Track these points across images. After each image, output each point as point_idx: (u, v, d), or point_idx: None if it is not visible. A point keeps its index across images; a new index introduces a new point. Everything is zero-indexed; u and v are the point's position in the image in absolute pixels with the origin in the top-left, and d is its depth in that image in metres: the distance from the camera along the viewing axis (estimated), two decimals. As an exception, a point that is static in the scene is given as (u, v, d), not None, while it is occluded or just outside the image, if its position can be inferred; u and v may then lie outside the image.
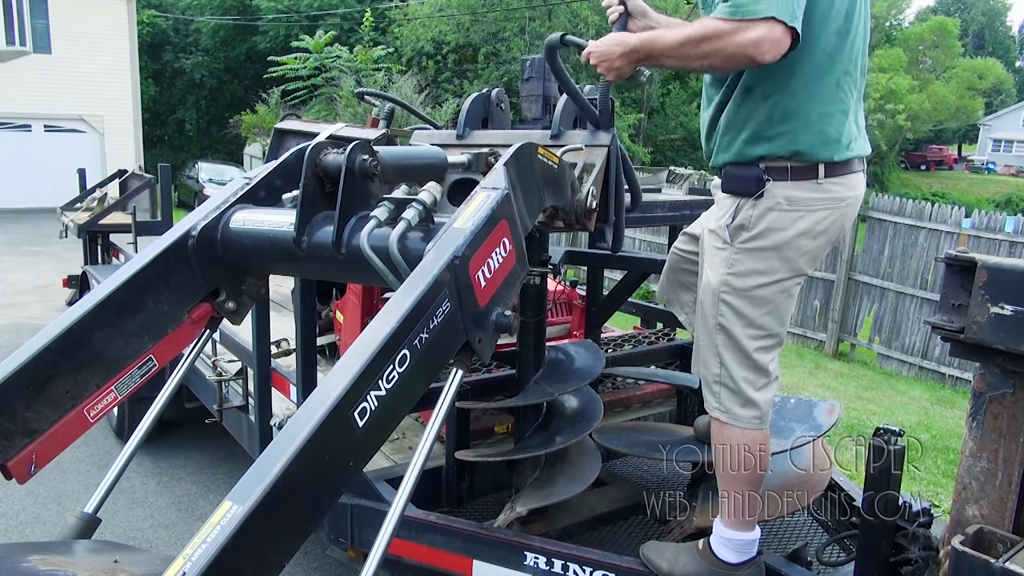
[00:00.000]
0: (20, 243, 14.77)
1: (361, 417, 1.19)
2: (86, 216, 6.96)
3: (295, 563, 4.04)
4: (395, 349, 1.26)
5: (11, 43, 16.94)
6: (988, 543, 1.60)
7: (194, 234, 1.66)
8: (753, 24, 1.80)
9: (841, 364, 9.67)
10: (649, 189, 4.20)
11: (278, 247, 1.66)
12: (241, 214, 1.72)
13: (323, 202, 1.66)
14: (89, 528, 1.47)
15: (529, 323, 2.78)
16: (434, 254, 1.41)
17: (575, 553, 2.28)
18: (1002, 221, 8.91)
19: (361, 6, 23.77)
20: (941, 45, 39.76)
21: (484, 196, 1.55)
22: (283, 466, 1.06)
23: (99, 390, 1.51)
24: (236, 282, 1.77)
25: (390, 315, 1.29)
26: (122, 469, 1.59)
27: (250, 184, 1.80)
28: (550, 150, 1.90)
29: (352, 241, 1.58)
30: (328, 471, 1.15)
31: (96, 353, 1.51)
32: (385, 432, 1.30)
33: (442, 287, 1.36)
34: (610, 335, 4.26)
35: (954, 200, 26.64)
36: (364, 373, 1.20)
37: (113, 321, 1.54)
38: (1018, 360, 1.55)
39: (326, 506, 1.18)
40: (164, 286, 1.63)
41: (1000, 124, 48.60)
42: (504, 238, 1.55)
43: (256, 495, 1.02)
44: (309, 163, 1.62)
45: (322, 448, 1.12)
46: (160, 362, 1.63)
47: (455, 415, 2.89)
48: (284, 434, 1.11)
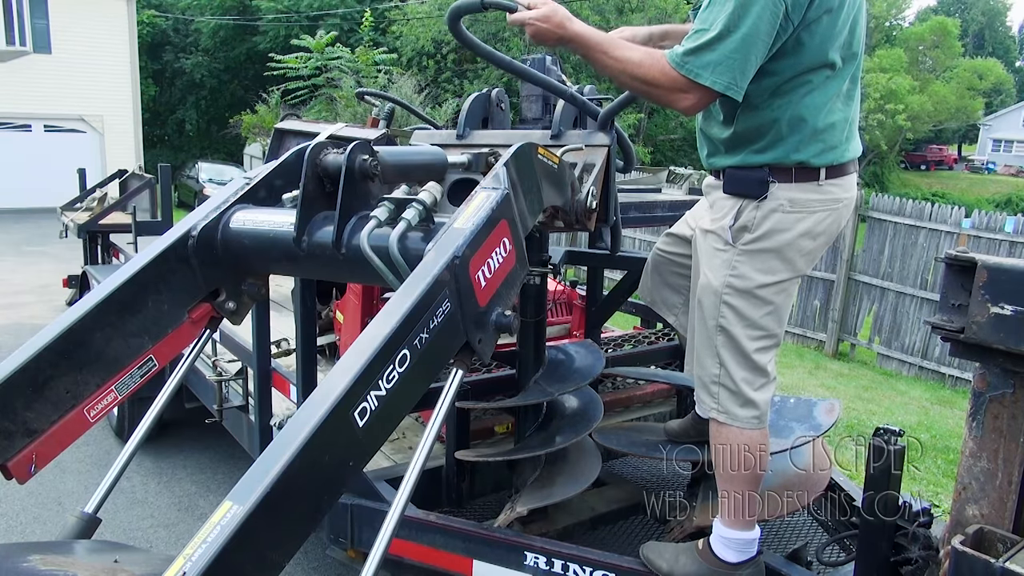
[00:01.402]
0: (20, 243, 14.77)
1: (361, 417, 1.19)
2: (86, 216, 6.97)
3: (295, 563, 4.04)
4: (395, 349, 1.26)
5: (11, 43, 16.93)
6: (988, 543, 1.60)
7: (194, 234, 1.66)
8: (691, 88, 1.88)
9: (841, 364, 9.66)
10: (649, 189, 4.21)
11: (278, 247, 1.66)
12: (241, 214, 1.72)
13: (323, 202, 1.65)
14: (89, 528, 1.47)
15: (529, 323, 2.78)
16: (434, 254, 1.41)
17: (575, 553, 2.28)
18: (1002, 221, 8.91)
19: (361, 6, 23.75)
20: (941, 45, 39.73)
21: (484, 196, 1.55)
22: (283, 466, 1.06)
23: (99, 390, 1.51)
24: (236, 282, 1.77)
25: (390, 315, 1.29)
26: (122, 469, 1.59)
27: (250, 184, 1.80)
28: (550, 150, 1.89)
29: (352, 241, 1.57)
30: (328, 471, 1.15)
31: (96, 353, 1.51)
32: (386, 432, 1.30)
33: (442, 287, 1.36)
34: (610, 335, 4.26)
35: (954, 200, 26.64)
36: (364, 373, 1.19)
37: (113, 321, 1.54)
38: (1018, 360, 1.55)
39: (326, 506, 1.18)
40: (164, 286, 1.63)
41: (1000, 124, 48.60)
42: (504, 238, 1.54)
43: (256, 495, 1.02)
44: (309, 163, 1.62)
45: (322, 448, 1.12)
46: (160, 362, 1.63)
47: (455, 415, 2.89)
48: (284, 434, 1.11)
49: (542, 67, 2.59)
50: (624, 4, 23.13)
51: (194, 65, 29.74)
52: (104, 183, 8.15)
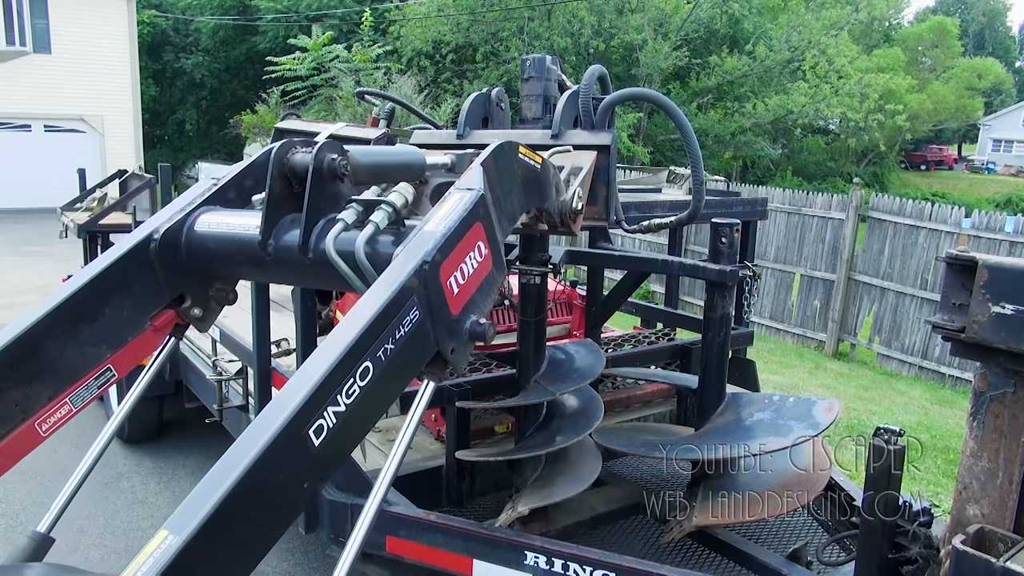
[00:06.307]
0: (20, 243, 14.77)
1: (317, 435, 1.11)
2: (86, 216, 6.96)
3: (295, 563, 4.04)
4: (356, 361, 1.18)
5: (11, 43, 16.96)
6: (989, 542, 1.60)
7: (157, 237, 1.57)
8: None
9: (841, 364, 9.66)
10: (649, 189, 4.21)
11: (244, 251, 1.57)
12: (207, 216, 1.63)
13: (291, 204, 1.57)
14: (41, 549, 1.39)
15: (529, 323, 2.78)
16: (402, 259, 1.33)
17: (575, 553, 2.28)
18: (1002, 221, 8.90)
19: (361, 6, 23.76)
20: (941, 45, 39.76)
21: (458, 197, 1.47)
22: (226, 491, 0.99)
23: (52, 402, 1.41)
24: (202, 287, 1.67)
25: (351, 325, 1.21)
26: (78, 486, 1.50)
27: (218, 185, 1.70)
28: (533, 150, 1.83)
29: (319, 245, 1.49)
30: (279, 494, 1.08)
31: (49, 363, 1.41)
32: (347, 448, 1.23)
33: (410, 294, 1.28)
34: (610, 335, 4.26)
35: (954, 200, 26.61)
36: (320, 388, 1.12)
37: (68, 329, 1.44)
38: (1019, 359, 1.55)
39: (277, 533, 1.10)
40: (124, 292, 1.53)
41: (1000, 124, 48.58)
42: (479, 241, 1.46)
43: (194, 523, 0.95)
44: (276, 162, 1.54)
45: (271, 470, 1.05)
46: (120, 372, 1.53)
47: (455, 415, 2.89)
48: (229, 456, 1.04)
49: (542, 67, 2.59)
50: (624, 4, 23.12)
51: (194, 65, 29.75)
52: (104, 183, 8.14)
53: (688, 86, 26.52)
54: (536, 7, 23.06)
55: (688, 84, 26.57)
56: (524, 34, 23.25)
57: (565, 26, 23.10)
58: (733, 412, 2.78)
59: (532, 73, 2.60)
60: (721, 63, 25.07)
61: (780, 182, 26.27)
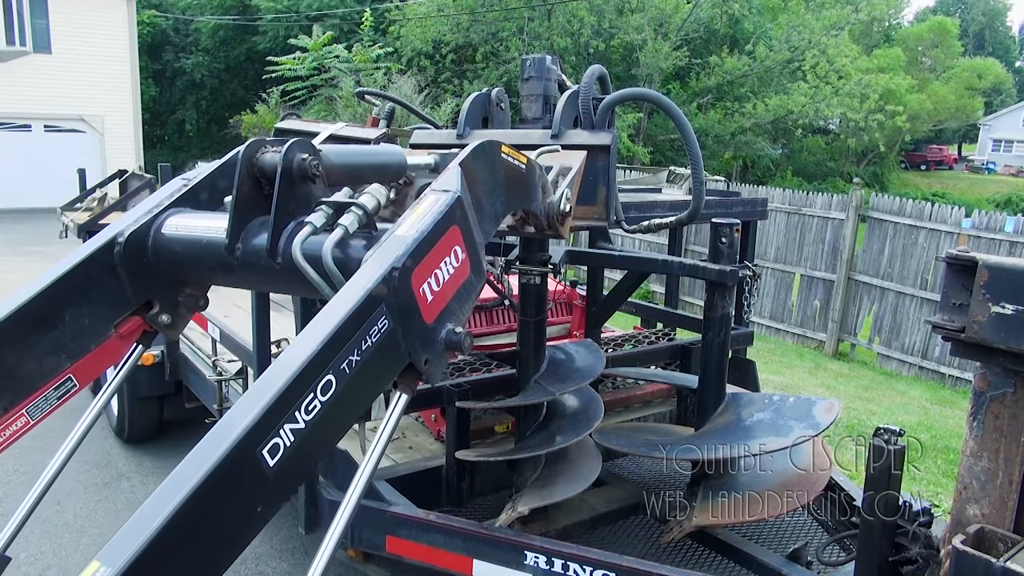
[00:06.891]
0: (20, 243, 14.76)
1: (272, 455, 1.04)
2: (86, 216, 6.96)
3: (295, 563, 4.03)
4: (316, 375, 1.10)
5: (11, 43, 16.95)
6: (989, 542, 1.60)
7: (121, 240, 1.51)
8: None
9: (841, 364, 9.66)
10: (649, 189, 4.21)
11: (212, 255, 1.49)
12: (175, 219, 1.56)
13: (261, 206, 1.49)
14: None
15: (529, 323, 2.78)
16: (370, 265, 1.26)
17: (575, 553, 2.28)
18: (1002, 221, 8.90)
19: (361, 6, 23.76)
20: (941, 45, 39.75)
21: (433, 199, 1.39)
22: (166, 518, 0.91)
23: (7, 414, 1.37)
24: (171, 293, 1.60)
25: (312, 336, 1.13)
26: (35, 503, 1.45)
27: (188, 185, 1.63)
28: (518, 150, 1.76)
29: (288, 249, 1.41)
30: (228, 521, 1.00)
31: (4, 373, 1.35)
32: (308, 468, 1.16)
33: (378, 302, 1.21)
34: (610, 335, 4.26)
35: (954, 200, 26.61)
36: (275, 405, 1.04)
37: (24, 337, 1.38)
38: (1019, 359, 1.55)
39: (226, 562, 1.02)
40: (85, 299, 1.47)
41: (1000, 124, 48.57)
42: (456, 246, 1.38)
43: (129, 555, 0.87)
44: (244, 162, 1.47)
45: (219, 495, 0.98)
46: (81, 382, 1.47)
47: (455, 415, 2.89)
48: (171, 480, 0.96)
49: (542, 67, 2.59)
50: (624, 4, 23.13)
51: (194, 65, 29.75)
52: (104, 183, 8.15)
53: (688, 86, 26.52)
54: (536, 7, 23.07)
55: (688, 84, 26.57)
56: (524, 34, 23.26)
57: (565, 26, 23.10)
58: (733, 412, 2.78)
59: (532, 73, 2.60)
60: (721, 63, 25.08)
61: (780, 182, 26.28)
